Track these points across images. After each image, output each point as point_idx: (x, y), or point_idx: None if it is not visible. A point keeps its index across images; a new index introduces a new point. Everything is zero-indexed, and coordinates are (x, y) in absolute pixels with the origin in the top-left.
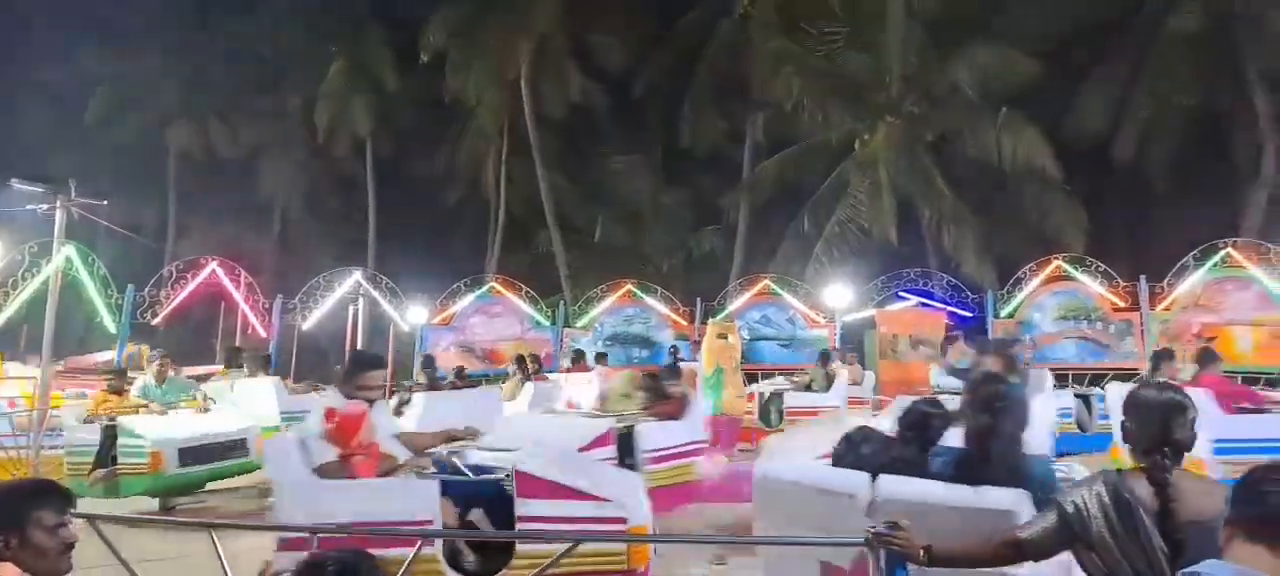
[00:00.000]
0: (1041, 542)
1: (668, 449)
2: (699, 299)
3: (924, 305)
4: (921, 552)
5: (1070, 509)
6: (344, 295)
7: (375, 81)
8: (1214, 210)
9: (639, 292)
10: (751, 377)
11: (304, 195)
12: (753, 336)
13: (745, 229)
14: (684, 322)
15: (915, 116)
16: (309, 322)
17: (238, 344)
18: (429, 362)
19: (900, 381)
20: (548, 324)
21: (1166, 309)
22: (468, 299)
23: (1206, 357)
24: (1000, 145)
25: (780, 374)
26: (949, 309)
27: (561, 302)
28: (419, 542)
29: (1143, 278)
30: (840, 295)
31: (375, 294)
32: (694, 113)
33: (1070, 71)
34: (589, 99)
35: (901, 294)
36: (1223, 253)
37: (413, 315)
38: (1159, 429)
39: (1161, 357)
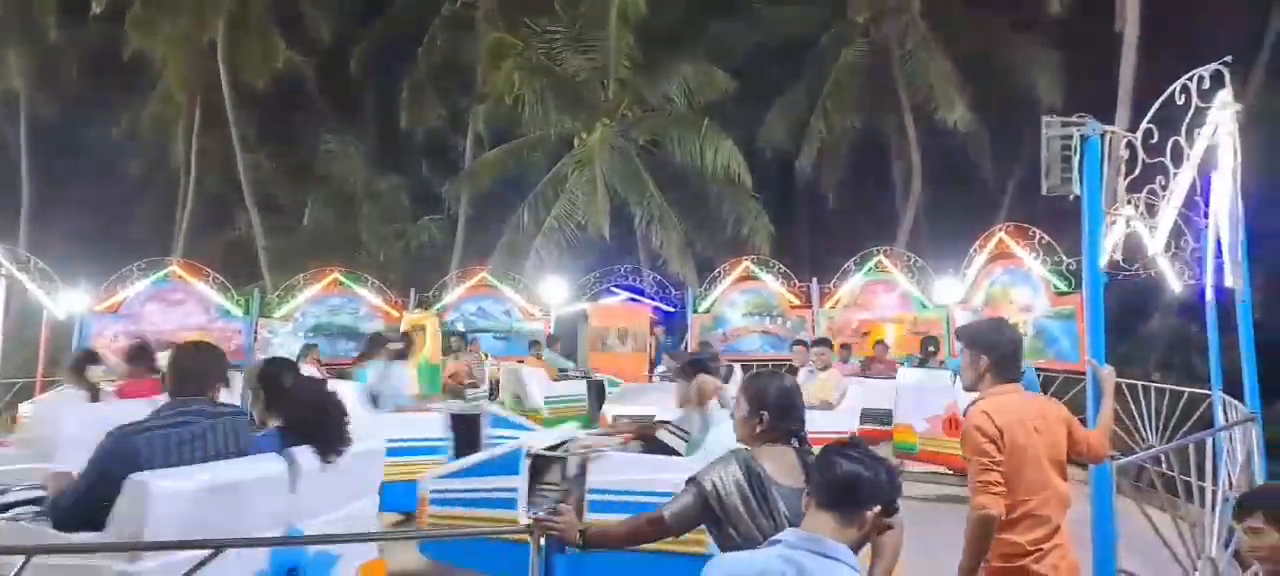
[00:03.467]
0: (683, 519)
1: None
2: (413, 290)
3: (632, 300)
4: (578, 536)
5: (708, 487)
6: None
7: (35, 30)
8: (876, 222)
9: (347, 281)
10: None
11: None
12: (468, 328)
13: (466, 220)
14: (396, 315)
15: (629, 121)
16: None
17: None
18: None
19: (610, 372)
20: (240, 314)
21: (833, 307)
22: (141, 284)
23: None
24: (703, 153)
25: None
26: (655, 304)
27: (257, 291)
28: None
29: (815, 279)
30: (556, 289)
31: (20, 276)
32: (412, 98)
33: (762, 90)
34: (296, 73)
35: (612, 289)
36: (875, 259)
37: (69, 301)
38: (790, 411)
39: (821, 344)
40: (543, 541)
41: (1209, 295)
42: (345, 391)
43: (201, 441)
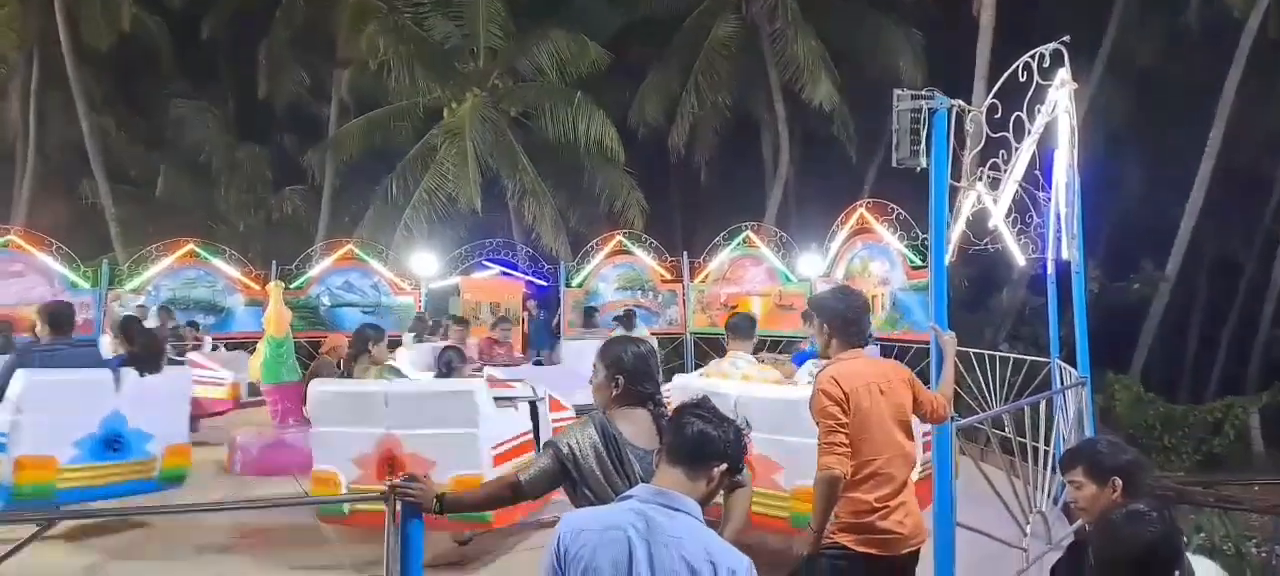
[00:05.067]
0: (538, 482)
1: None
2: (275, 262)
3: (505, 274)
4: (435, 501)
5: (565, 449)
6: None
7: None
8: (745, 199)
9: (203, 253)
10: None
11: None
12: (334, 303)
13: (331, 191)
14: (256, 287)
15: (500, 91)
16: None
17: None
18: None
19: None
20: (88, 287)
21: (703, 281)
22: None
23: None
24: (575, 126)
25: None
26: (527, 277)
27: (106, 262)
28: None
29: (685, 254)
30: (427, 262)
31: None
32: (271, 63)
33: (634, 64)
34: (145, 33)
35: (485, 263)
36: (743, 234)
37: None
38: (645, 375)
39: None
40: (399, 506)
41: (1050, 268)
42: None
43: (67, 359)
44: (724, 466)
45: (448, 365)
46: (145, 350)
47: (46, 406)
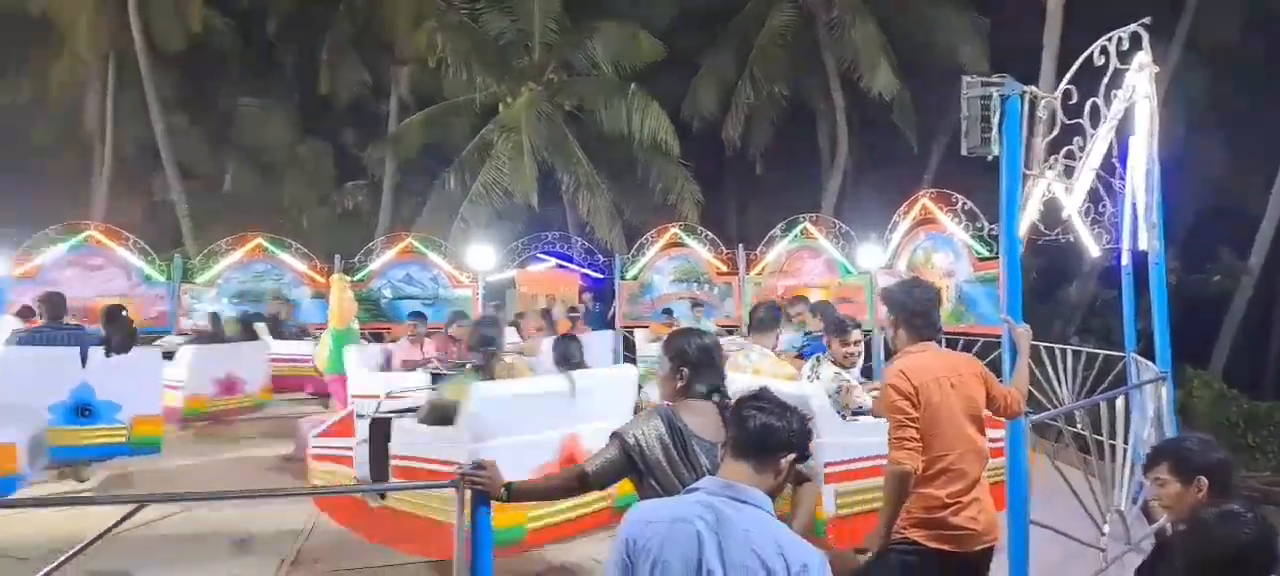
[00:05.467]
0: (605, 473)
1: None
2: (338, 256)
3: (561, 266)
4: (503, 490)
5: (631, 440)
6: None
7: None
8: (802, 190)
9: (270, 247)
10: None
11: None
12: (395, 295)
13: (391, 185)
14: (320, 280)
15: (555, 85)
16: None
17: None
18: None
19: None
20: (162, 279)
21: (759, 274)
22: (58, 249)
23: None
24: (630, 119)
25: None
26: (583, 270)
27: (178, 256)
28: None
29: (741, 246)
30: (484, 255)
31: None
32: (333, 61)
33: (688, 56)
34: (215, 34)
35: (540, 255)
36: (801, 226)
37: None
38: (710, 367)
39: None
40: (469, 494)
41: (1125, 259)
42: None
43: (58, 339)
44: (792, 456)
45: (565, 356)
46: (116, 335)
47: (34, 376)
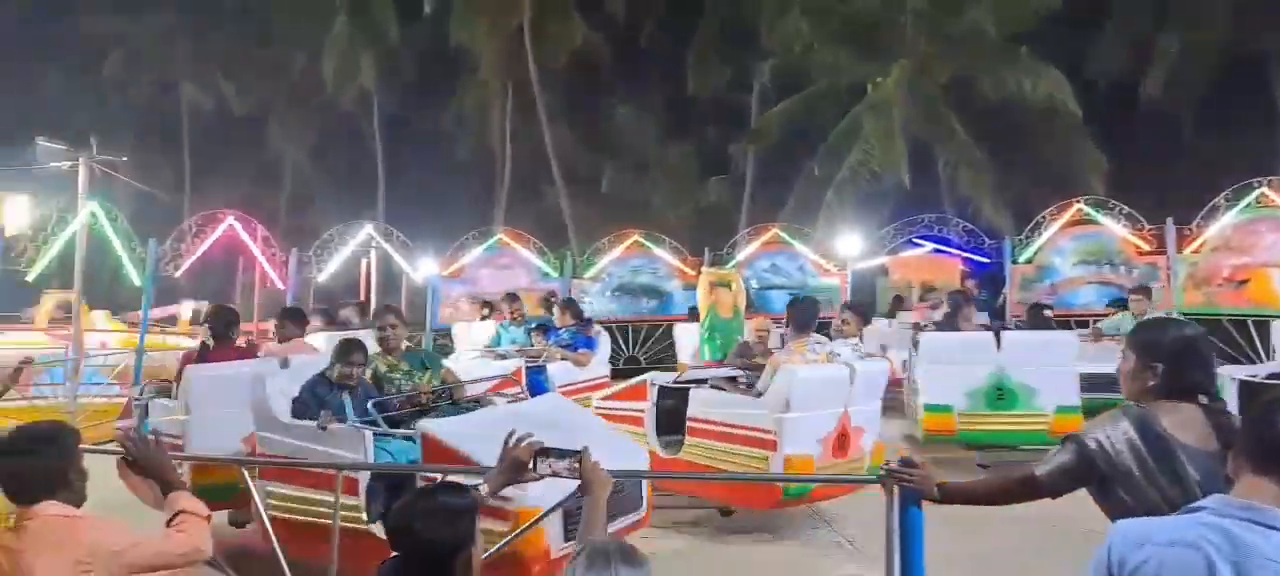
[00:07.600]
0: (1058, 479)
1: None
2: (707, 249)
3: (939, 252)
4: (936, 489)
5: (1092, 444)
6: (356, 248)
7: (379, 33)
8: (1246, 150)
9: (646, 243)
10: None
11: (312, 149)
12: (761, 285)
13: (753, 177)
14: (692, 273)
15: (929, 57)
16: (324, 275)
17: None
18: None
19: None
20: (556, 275)
21: (1195, 251)
22: (476, 251)
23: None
24: (1020, 85)
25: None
26: (965, 255)
27: (568, 254)
28: None
29: (1170, 220)
30: (851, 243)
31: (387, 247)
32: (698, 61)
33: (1092, 6)
34: (592, 49)
35: (915, 241)
36: (1256, 192)
37: (424, 267)
38: (1191, 363)
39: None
40: (897, 491)
41: None
42: None
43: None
44: None
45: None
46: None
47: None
